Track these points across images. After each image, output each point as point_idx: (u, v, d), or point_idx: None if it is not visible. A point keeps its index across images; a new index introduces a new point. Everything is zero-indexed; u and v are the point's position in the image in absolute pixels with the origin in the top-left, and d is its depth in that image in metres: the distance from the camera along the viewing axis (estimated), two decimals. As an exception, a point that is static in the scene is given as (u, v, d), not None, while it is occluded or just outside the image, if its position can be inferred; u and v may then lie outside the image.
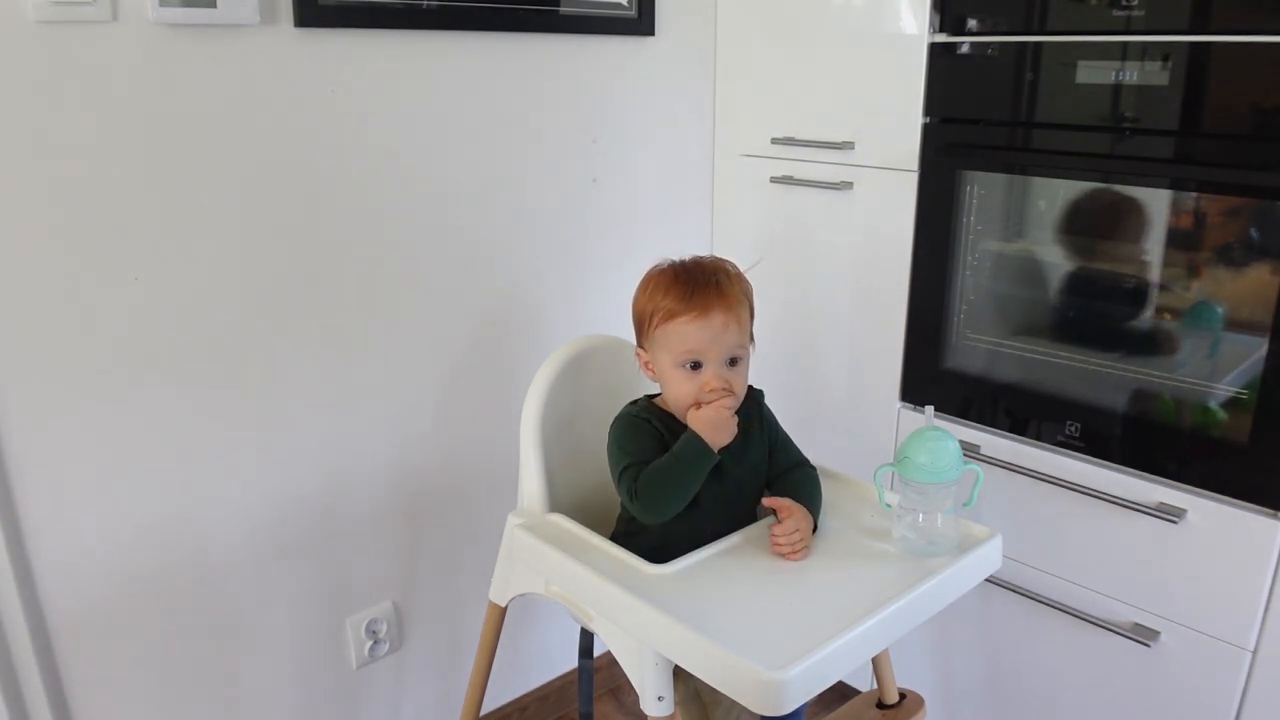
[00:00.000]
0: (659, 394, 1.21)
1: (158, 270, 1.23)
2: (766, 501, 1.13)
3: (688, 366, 1.12)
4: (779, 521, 1.11)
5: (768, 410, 1.23)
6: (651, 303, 1.14)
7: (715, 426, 1.09)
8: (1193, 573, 1.29)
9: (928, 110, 1.45)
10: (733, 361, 1.14)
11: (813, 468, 1.22)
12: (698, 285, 1.13)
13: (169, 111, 1.19)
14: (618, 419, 1.18)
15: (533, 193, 1.58)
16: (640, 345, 1.17)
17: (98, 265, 1.18)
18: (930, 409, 1.15)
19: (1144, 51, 1.22)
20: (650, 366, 1.16)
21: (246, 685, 1.44)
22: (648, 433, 1.14)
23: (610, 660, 1.10)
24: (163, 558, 1.31)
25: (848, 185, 1.57)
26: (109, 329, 1.20)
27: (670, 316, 1.11)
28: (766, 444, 1.21)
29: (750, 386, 1.19)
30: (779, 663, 0.89)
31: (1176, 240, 1.30)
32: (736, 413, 1.17)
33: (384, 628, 1.58)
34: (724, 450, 1.13)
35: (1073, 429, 1.38)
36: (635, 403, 1.20)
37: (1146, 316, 1.36)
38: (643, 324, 1.16)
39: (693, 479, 1.10)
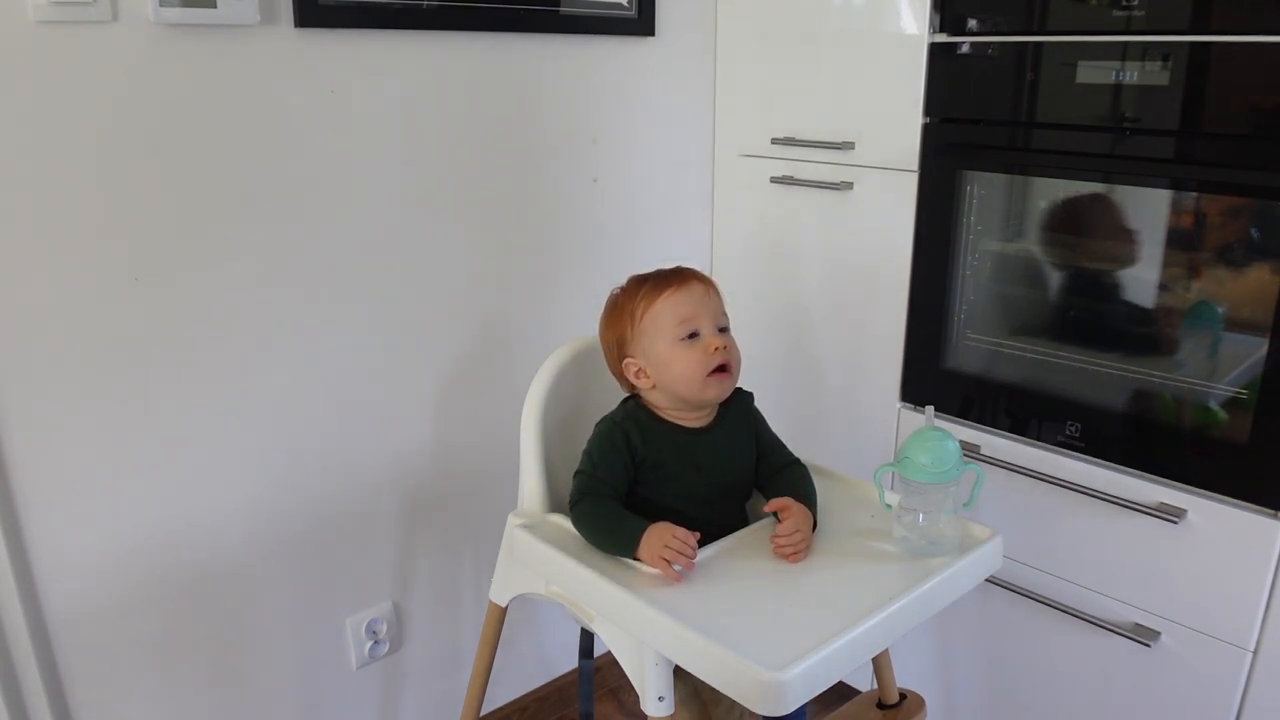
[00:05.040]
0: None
1: (158, 270, 1.23)
2: (768, 507, 1.13)
3: (685, 338, 1.12)
4: (780, 522, 1.11)
5: (756, 411, 1.23)
6: (627, 307, 1.16)
7: (656, 559, 1.04)
8: (1193, 573, 1.29)
9: (928, 110, 1.45)
10: (722, 330, 1.15)
11: (803, 466, 1.22)
12: (665, 272, 1.18)
13: (169, 111, 1.19)
14: (600, 421, 1.18)
15: (533, 193, 1.58)
16: (628, 357, 1.17)
17: (98, 265, 1.18)
18: (930, 409, 1.15)
19: (1144, 51, 1.22)
20: (643, 373, 1.15)
21: (247, 685, 1.44)
22: (616, 446, 1.14)
23: (610, 660, 1.10)
24: (162, 558, 1.31)
25: (848, 185, 1.57)
26: (109, 329, 1.20)
27: (653, 301, 1.14)
28: (754, 446, 1.21)
29: (739, 388, 1.19)
30: (779, 663, 0.89)
31: (1177, 240, 1.30)
32: (724, 411, 1.18)
33: (384, 628, 1.58)
34: (702, 449, 1.16)
35: (1073, 429, 1.38)
36: (626, 402, 1.20)
37: (1147, 316, 1.36)
38: (624, 333, 1.16)
39: (605, 549, 1.10)
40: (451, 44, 1.42)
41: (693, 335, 1.13)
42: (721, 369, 1.13)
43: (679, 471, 1.15)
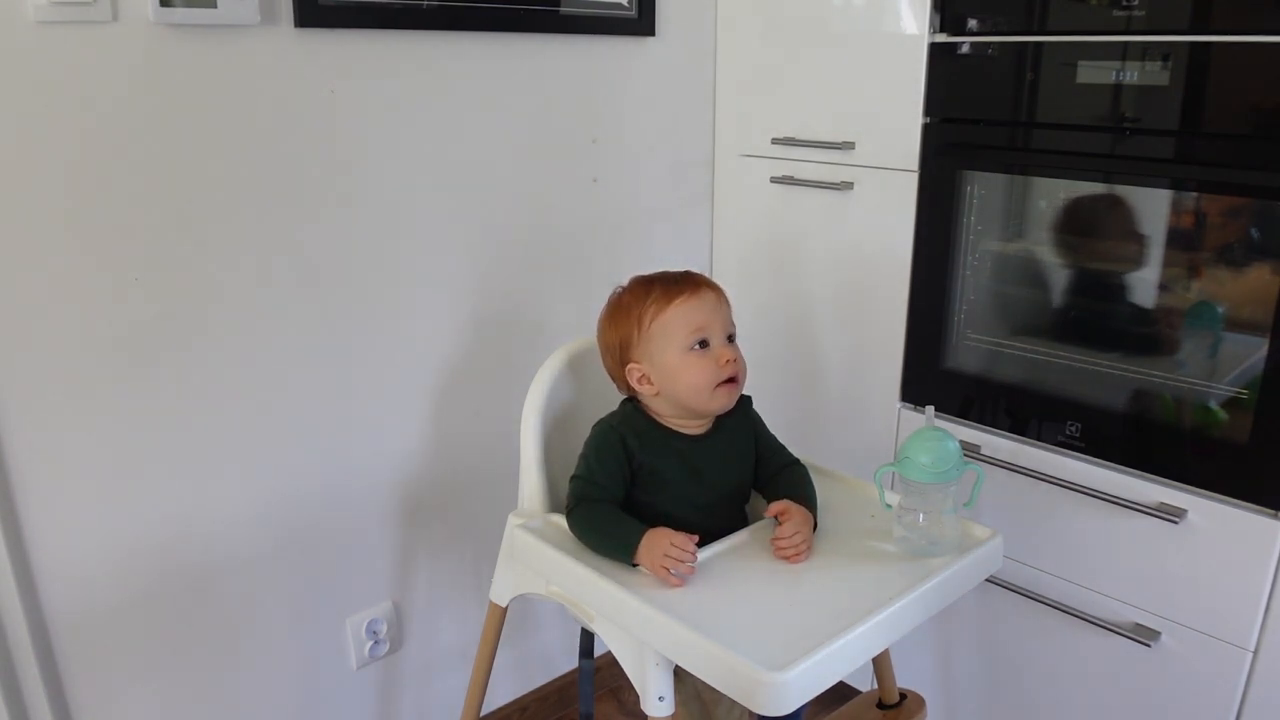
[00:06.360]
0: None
1: (158, 270, 1.23)
2: (768, 512, 1.13)
3: (696, 347, 1.12)
4: (780, 524, 1.11)
5: (755, 414, 1.23)
6: (634, 310, 1.14)
7: (657, 567, 1.04)
8: (1193, 573, 1.29)
9: (928, 110, 1.45)
10: (730, 339, 1.15)
11: (803, 466, 1.22)
12: (675, 277, 1.16)
13: (169, 111, 1.19)
14: (596, 425, 1.17)
15: (533, 193, 1.58)
16: (631, 361, 1.15)
17: (97, 265, 1.18)
18: (931, 409, 1.15)
19: (1144, 51, 1.22)
20: (647, 379, 1.14)
21: (246, 685, 1.44)
22: (614, 451, 1.13)
23: (610, 660, 1.10)
24: (163, 558, 1.31)
25: (848, 185, 1.57)
26: (109, 329, 1.20)
27: (664, 308, 1.12)
28: (753, 449, 1.21)
29: None
30: (779, 663, 0.89)
31: (1177, 240, 1.30)
32: (723, 416, 1.18)
33: (384, 628, 1.58)
34: (701, 455, 1.15)
35: (1073, 429, 1.38)
36: (625, 404, 1.20)
37: (1147, 316, 1.36)
38: (630, 336, 1.15)
39: (603, 553, 1.10)
40: (451, 44, 1.42)
41: (702, 344, 1.12)
42: (730, 380, 1.13)
43: (678, 478, 1.15)
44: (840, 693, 1.59)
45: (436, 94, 1.42)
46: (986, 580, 1.21)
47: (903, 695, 1.38)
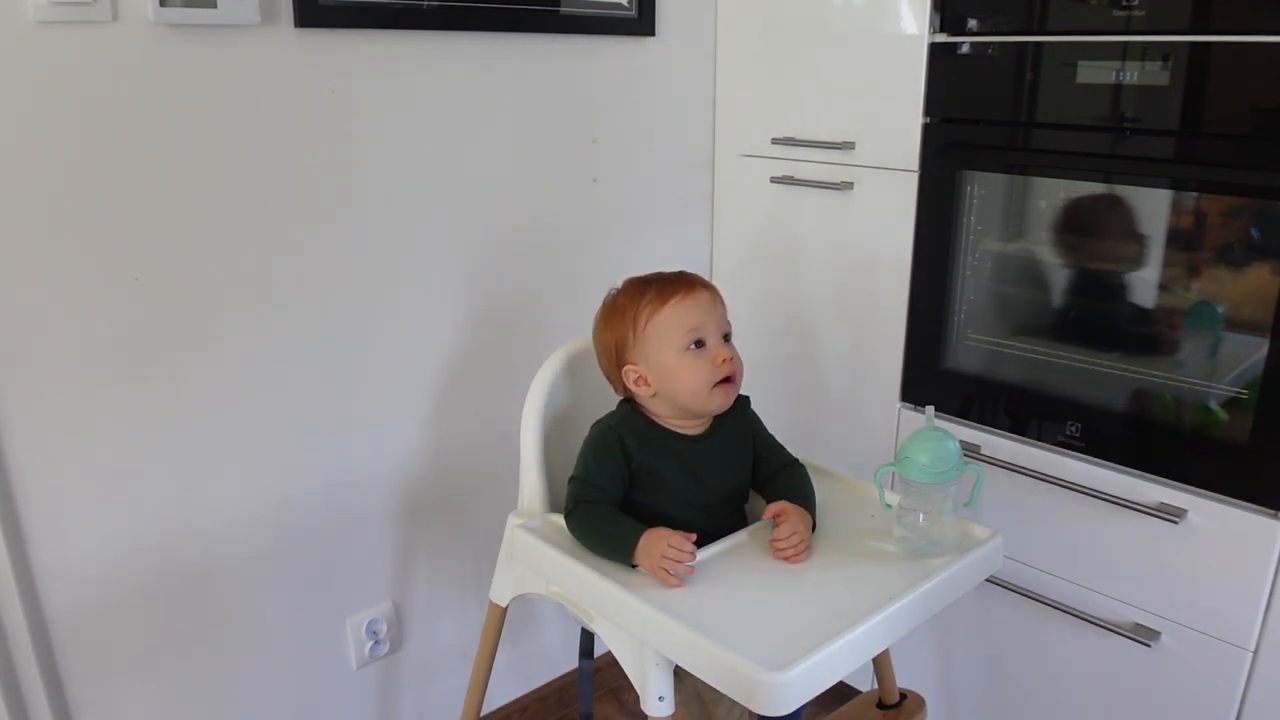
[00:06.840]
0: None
1: (158, 270, 1.23)
2: (766, 514, 1.13)
3: (692, 347, 1.11)
4: (777, 525, 1.11)
5: (753, 414, 1.23)
6: (629, 311, 1.14)
7: (656, 568, 1.04)
8: (1193, 573, 1.29)
9: (928, 110, 1.45)
10: (726, 339, 1.15)
11: (802, 466, 1.22)
12: (669, 277, 1.16)
13: (169, 111, 1.19)
14: (594, 425, 1.17)
15: (533, 193, 1.58)
16: (628, 363, 1.15)
17: (98, 265, 1.18)
18: (931, 409, 1.15)
19: (1144, 51, 1.22)
20: (644, 379, 1.14)
21: (246, 685, 1.44)
22: (612, 452, 1.13)
23: (610, 660, 1.10)
24: (163, 558, 1.31)
25: (848, 185, 1.57)
26: (109, 329, 1.20)
27: (659, 307, 1.12)
28: (751, 450, 1.21)
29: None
30: (779, 663, 0.89)
31: (1177, 240, 1.30)
32: (722, 416, 1.17)
33: (384, 628, 1.58)
34: (700, 456, 1.15)
35: (1073, 429, 1.38)
36: (623, 405, 1.19)
37: (1147, 316, 1.36)
38: (624, 338, 1.14)
39: (602, 554, 1.10)
40: (451, 44, 1.42)
41: (698, 344, 1.12)
42: (727, 380, 1.13)
43: (676, 479, 1.15)
44: (840, 693, 1.59)
45: (436, 94, 1.42)
46: (986, 580, 1.21)
47: (903, 695, 1.38)
